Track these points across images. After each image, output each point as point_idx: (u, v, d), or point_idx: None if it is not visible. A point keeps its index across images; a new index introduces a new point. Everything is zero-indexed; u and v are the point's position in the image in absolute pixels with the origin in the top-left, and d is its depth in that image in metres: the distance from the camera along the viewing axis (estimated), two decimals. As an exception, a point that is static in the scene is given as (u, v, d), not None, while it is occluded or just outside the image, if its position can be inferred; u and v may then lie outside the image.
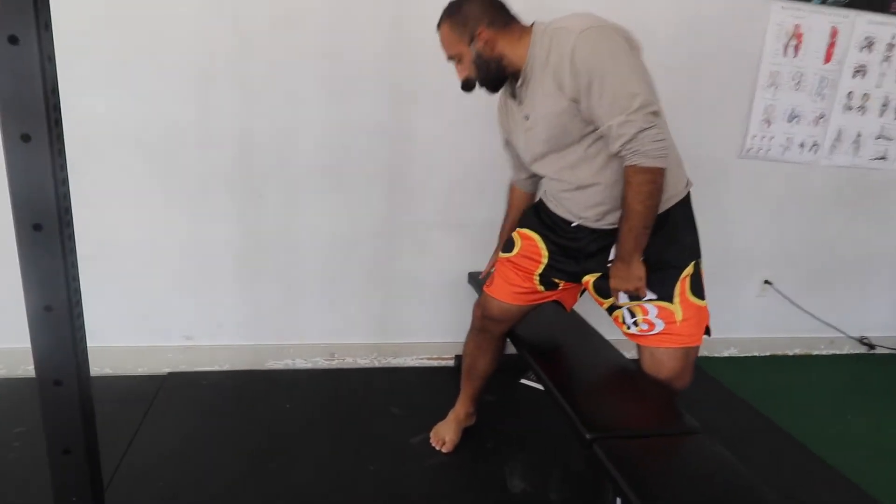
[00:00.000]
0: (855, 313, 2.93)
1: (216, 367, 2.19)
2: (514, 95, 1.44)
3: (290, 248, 2.12)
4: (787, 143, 2.44)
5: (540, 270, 1.56)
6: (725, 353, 2.81)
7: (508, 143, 1.61)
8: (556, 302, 1.65)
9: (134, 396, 2.00)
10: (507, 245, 1.64)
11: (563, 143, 1.35)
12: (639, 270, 1.34)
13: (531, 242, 1.57)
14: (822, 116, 2.43)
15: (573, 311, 1.95)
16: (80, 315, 1.04)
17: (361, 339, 2.30)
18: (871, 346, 2.99)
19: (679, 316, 1.39)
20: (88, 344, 1.07)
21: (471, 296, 2.25)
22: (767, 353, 2.87)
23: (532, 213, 1.61)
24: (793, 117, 2.41)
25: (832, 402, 2.48)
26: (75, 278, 1.01)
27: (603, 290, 1.45)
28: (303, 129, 2.01)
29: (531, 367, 1.64)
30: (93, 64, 1.83)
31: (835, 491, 1.83)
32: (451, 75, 1.46)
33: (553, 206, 1.52)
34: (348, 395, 2.12)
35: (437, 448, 1.84)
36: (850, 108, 2.44)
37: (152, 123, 1.91)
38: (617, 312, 1.47)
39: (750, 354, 2.83)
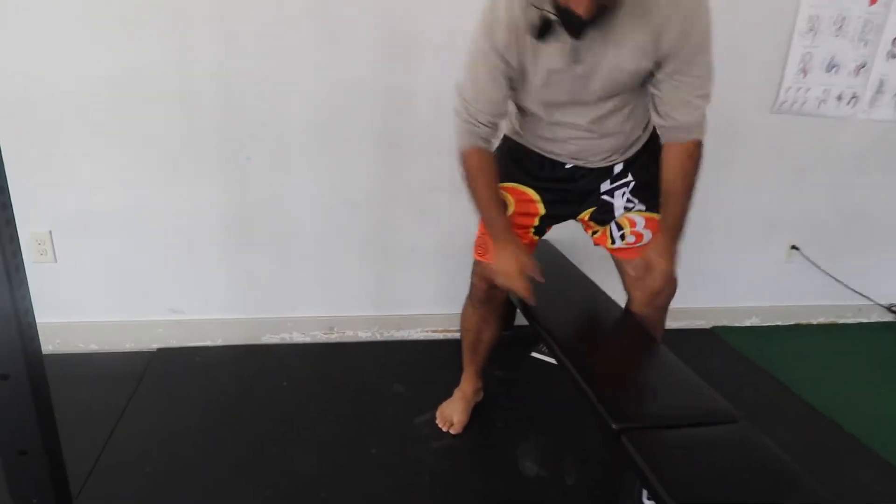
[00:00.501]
0: (884, 280, 2.77)
1: (209, 342, 2.06)
2: (576, 34, 1.15)
3: (281, 214, 1.96)
4: (824, 95, 2.23)
5: (536, 223, 1.51)
6: (747, 323, 2.66)
7: (499, 84, 1.27)
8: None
9: (121, 374, 1.88)
10: None
11: (610, 95, 1.29)
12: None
13: (525, 197, 1.48)
14: (863, 65, 2.21)
15: (587, 278, 1.81)
16: (26, 301, 0.89)
17: (362, 311, 2.16)
18: (901, 314, 2.84)
19: (643, 229, 1.46)
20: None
21: (478, 265, 2.09)
22: (792, 322, 2.71)
23: (512, 165, 1.47)
24: (832, 66, 2.19)
25: (861, 375, 2.35)
26: (18, 268, 0.86)
27: (598, 220, 1.49)
28: (293, 86, 1.82)
29: (546, 342, 1.49)
30: (53, 12, 1.65)
31: (869, 471, 1.71)
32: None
33: (544, 149, 1.44)
34: (348, 371, 2.00)
35: (444, 430, 1.72)
36: (894, 56, 2.22)
37: (128, 78, 1.73)
38: (602, 230, 1.49)
39: (773, 324, 2.68)
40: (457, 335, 2.25)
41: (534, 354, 2.18)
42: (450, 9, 1.81)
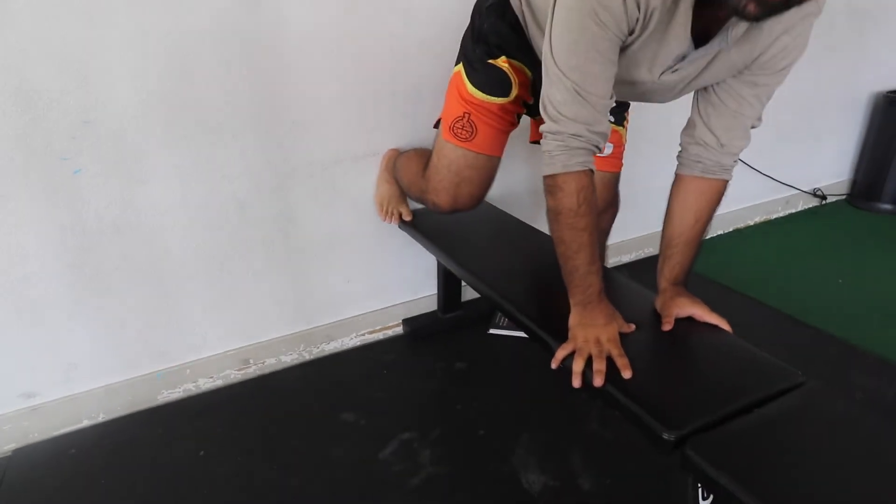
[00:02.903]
0: (806, 166, 2.74)
1: (86, 422, 1.56)
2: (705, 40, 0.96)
3: (140, 235, 1.47)
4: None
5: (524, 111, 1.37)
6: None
7: (612, 67, 0.99)
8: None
9: (-34, 500, 1.36)
10: (498, 86, 1.28)
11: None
12: None
13: (524, 79, 1.30)
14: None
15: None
16: None
17: (279, 331, 1.74)
18: (824, 197, 2.84)
19: (625, 139, 1.46)
20: None
21: (406, 241, 1.74)
22: (731, 229, 2.62)
23: (516, 39, 1.26)
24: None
25: (813, 265, 2.29)
26: None
27: None
28: (110, 56, 1.31)
29: (539, 339, 1.16)
30: None
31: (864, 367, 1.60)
32: None
33: None
34: (280, 409, 1.59)
35: (388, 221, 1.68)
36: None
37: None
38: None
39: (714, 234, 2.56)
40: (398, 329, 1.90)
41: (492, 331, 1.88)
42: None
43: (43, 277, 1.41)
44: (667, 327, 1.06)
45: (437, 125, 1.42)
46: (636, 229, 2.29)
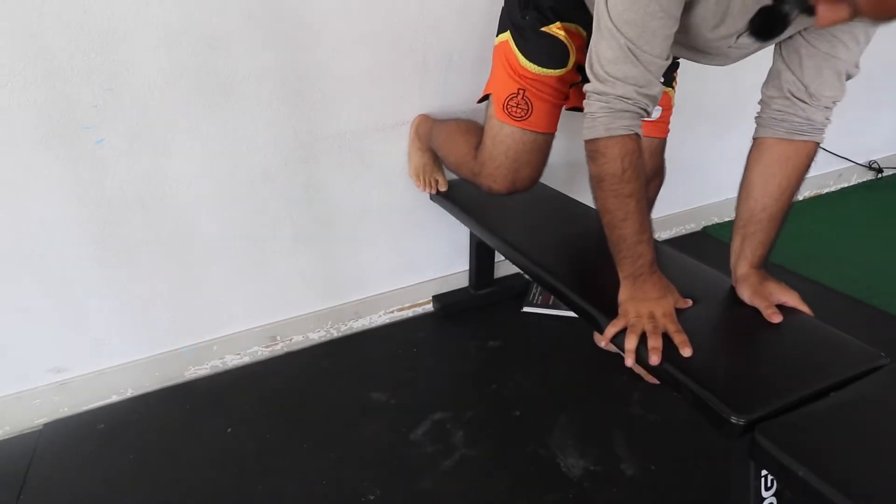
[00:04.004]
0: (861, 137, 2.56)
1: (114, 398, 1.54)
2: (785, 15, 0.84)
3: (167, 208, 1.43)
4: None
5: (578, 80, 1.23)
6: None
7: (672, 25, 0.89)
8: None
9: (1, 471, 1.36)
10: (555, 56, 1.17)
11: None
12: None
13: (582, 43, 1.18)
14: None
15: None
16: None
17: (307, 307, 1.70)
18: (880, 170, 2.66)
19: (673, 102, 1.36)
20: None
21: (437, 214, 1.67)
22: (780, 205, 2.47)
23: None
24: None
25: (869, 243, 2.14)
26: None
27: None
28: (132, 22, 1.26)
29: (591, 322, 1.08)
30: None
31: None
32: None
33: None
34: (307, 388, 1.55)
35: (426, 191, 1.59)
36: None
37: None
38: None
39: (761, 210, 2.42)
40: (429, 307, 1.84)
41: (526, 309, 1.81)
42: None
43: (68, 251, 1.38)
44: (777, 319, 0.92)
45: (481, 100, 1.33)
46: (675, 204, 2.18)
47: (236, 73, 1.37)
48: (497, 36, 1.25)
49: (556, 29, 1.15)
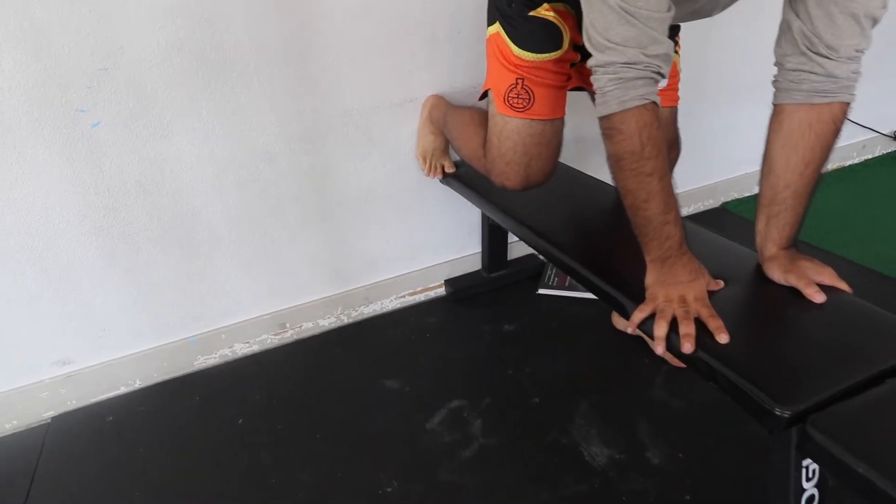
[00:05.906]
0: (885, 106, 2.46)
1: (122, 389, 1.51)
2: None
3: (168, 192, 1.38)
4: None
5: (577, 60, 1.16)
6: (756, 190, 2.31)
7: None
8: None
9: (8, 465, 1.33)
10: (547, 39, 1.11)
11: None
12: None
13: (573, 22, 1.11)
14: None
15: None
16: None
17: (316, 293, 1.65)
18: (905, 141, 2.57)
19: (680, 66, 1.31)
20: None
21: (448, 196, 1.61)
22: (800, 178, 2.39)
23: None
24: None
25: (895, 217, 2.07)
26: None
27: None
28: (129, 2, 1.19)
29: (617, 307, 1.02)
30: None
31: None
32: None
33: None
34: (320, 375, 1.51)
35: (431, 176, 1.55)
36: None
37: None
38: None
39: (781, 184, 2.34)
40: (440, 291, 1.79)
41: (541, 291, 1.75)
42: None
43: (70, 241, 1.33)
44: (820, 298, 0.85)
45: (482, 97, 1.27)
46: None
47: (236, 49, 1.30)
48: (487, 28, 1.19)
49: (544, 11, 1.09)
